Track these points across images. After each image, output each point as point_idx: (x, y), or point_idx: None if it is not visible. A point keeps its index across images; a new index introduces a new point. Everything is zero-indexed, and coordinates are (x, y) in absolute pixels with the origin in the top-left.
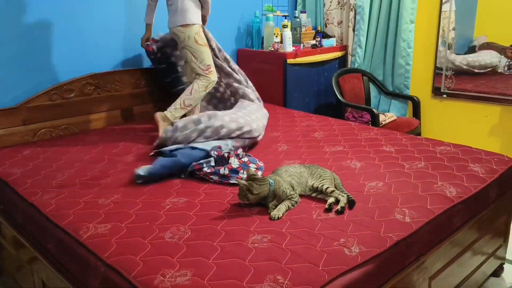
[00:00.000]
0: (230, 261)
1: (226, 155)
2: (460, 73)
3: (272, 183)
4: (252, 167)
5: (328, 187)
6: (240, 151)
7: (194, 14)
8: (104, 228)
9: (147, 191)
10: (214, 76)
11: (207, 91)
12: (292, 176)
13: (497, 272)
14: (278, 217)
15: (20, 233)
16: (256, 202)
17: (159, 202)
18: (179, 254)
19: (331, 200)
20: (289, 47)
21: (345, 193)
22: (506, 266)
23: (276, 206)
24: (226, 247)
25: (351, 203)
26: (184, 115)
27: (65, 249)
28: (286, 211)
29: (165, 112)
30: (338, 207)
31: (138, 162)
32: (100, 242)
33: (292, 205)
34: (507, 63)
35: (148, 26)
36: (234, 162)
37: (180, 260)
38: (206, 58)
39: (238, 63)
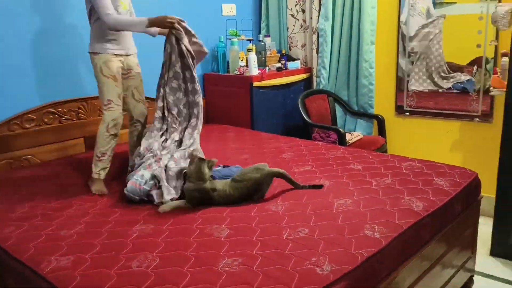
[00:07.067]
0: (200, 287)
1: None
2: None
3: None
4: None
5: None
6: None
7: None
8: (66, 261)
9: (113, 219)
10: (112, 114)
11: (111, 132)
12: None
13: (467, 284)
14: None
15: None
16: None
17: (126, 230)
18: (147, 283)
19: None
20: (254, 71)
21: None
22: (475, 278)
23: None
24: (196, 273)
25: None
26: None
27: (26, 284)
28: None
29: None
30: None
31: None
32: (62, 275)
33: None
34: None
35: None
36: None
37: None
38: (107, 92)
39: (204, 88)
